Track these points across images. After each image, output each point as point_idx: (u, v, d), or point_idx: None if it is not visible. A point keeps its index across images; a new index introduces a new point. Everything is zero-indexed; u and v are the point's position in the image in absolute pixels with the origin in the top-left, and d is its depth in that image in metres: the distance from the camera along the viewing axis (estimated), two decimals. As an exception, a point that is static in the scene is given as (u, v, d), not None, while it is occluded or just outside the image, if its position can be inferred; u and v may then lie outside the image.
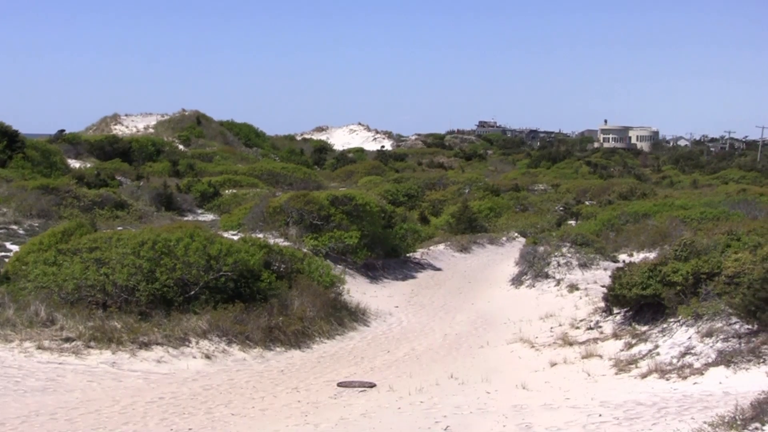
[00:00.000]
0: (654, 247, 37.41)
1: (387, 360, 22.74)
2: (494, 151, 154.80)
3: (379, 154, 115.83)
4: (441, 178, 79.18)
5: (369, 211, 37.14)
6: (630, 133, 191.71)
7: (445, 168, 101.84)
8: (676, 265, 24.39)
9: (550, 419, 15.73)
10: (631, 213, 48.81)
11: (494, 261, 42.77)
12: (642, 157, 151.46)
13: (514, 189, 73.26)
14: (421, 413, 16.82)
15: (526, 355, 23.21)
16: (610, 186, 73.64)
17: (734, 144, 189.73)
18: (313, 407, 17.59)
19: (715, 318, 21.04)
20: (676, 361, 19.94)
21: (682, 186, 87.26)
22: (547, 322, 27.36)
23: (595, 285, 30.95)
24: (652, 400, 16.85)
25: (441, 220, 54.43)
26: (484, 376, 20.26)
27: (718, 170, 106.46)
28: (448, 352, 23.86)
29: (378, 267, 36.22)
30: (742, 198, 52.81)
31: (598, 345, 23.18)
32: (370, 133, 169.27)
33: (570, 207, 62.27)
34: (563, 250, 36.46)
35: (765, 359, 18.35)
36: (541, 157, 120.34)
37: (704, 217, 42.44)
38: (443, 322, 28.20)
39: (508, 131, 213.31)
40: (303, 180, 68.54)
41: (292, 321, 23.65)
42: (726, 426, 13.08)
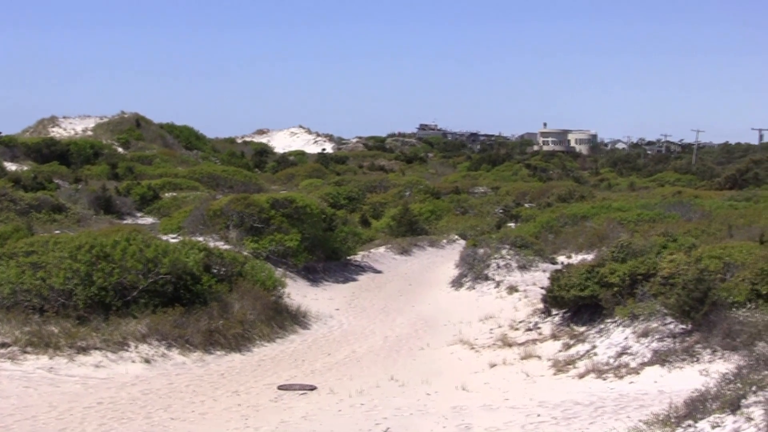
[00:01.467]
0: (592, 249, 37.76)
1: (328, 363, 22.75)
2: (435, 154, 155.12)
3: (320, 156, 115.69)
4: (382, 181, 79.29)
5: (310, 213, 37.12)
6: (569, 136, 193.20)
7: (386, 171, 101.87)
8: (613, 266, 24.67)
9: (490, 420, 15.87)
10: (570, 215, 49.25)
11: (435, 263, 42.92)
12: (581, 160, 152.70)
13: (454, 192, 73.52)
14: (361, 415, 16.90)
15: (466, 356, 23.34)
16: (549, 189, 74.17)
17: (670, 147, 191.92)
18: (254, 411, 17.58)
19: (650, 318, 21.32)
20: (612, 361, 20.19)
21: (619, 188, 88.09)
22: (486, 323, 27.51)
23: (534, 287, 31.16)
24: (589, 399, 17.05)
25: (382, 223, 54.47)
26: (425, 378, 20.36)
27: (655, 173, 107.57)
28: (389, 355, 23.93)
29: (319, 270, 36.22)
30: (677, 200, 53.53)
31: (537, 346, 23.38)
32: (311, 136, 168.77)
33: (509, 209, 62.64)
34: (503, 253, 36.66)
35: (698, 358, 18.65)
36: (482, 160, 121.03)
37: (641, 219, 42.93)
38: (384, 325, 28.25)
39: (449, 134, 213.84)
40: (243, 183, 68.24)
41: (233, 324, 23.57)
42: (660, 424, 13.27)
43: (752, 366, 14.67)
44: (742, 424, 11.94)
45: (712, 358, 18.50)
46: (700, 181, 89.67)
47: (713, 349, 18.76)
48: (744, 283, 21.09)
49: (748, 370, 14.40)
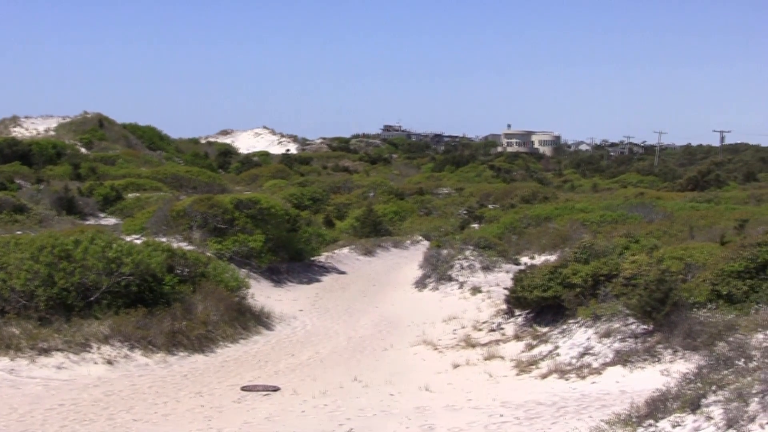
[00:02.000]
0: (555, 250, 37.97)
1: (291, 363, 22.73)
2: (399, 155, 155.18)
3: (284, 157, 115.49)
4: (346, 182, 79.36)
5: (273, 214, 37.06)
6: (533, 137, 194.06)
7: (350, 172, 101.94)
8: (576, 267, 24.82)
9: (453, 420, 15.92)
10: (533, 216, 49.51)
11: (398, 264, 42.97)
12: (544, 161, 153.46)
13: (418, 193, 73.72)
14: (325, 416, 16.91)
15: (430, 357, 23.38)
16: (512, 190, 74.51)
17: (633, 149, 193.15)
18: (217, 412, 17.54)
19: (612, 319, 21.46)
20: (575, 362, 20.30)
21: (582, 190, 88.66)
22: (450, 324, 27.58)
23: (497, 287, 31.27)
24: (552, 399, 17.14)
25: (346, 224, 54.51)
26: (388, 379, 20.40)
27: (618, 174, 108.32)
28: (352, 355, 23.94)
29: (282, 271, 36.18)
30: (639, 201, 53.95)
31: (500, 346, 23.46)
32: (275, 136, 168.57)
33: (473, 210, 62.85)
34: (466, 253, 36.77)
35: (660, 358, 18.80)
36: (446, 161, 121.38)
37: (603, 220, 43.23)
38: (347, 326, 28.26)
39: (413, 135, 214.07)
40: (207, 184, 67.98)
41: (196, 325, 23.50)
42: (622, 423, 13.36)
43: (712, 366, 14.80)
44: (702, 423, 12.05)
45: (673, 358, 18.65)
46: (663, 182, 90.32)
47: (674, 350, 18.92)
48: (705, 284, 21.29)
49: (708, 370, 14.52)
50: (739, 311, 19.82)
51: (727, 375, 13.72)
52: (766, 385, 11.85)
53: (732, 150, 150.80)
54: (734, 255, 21.57)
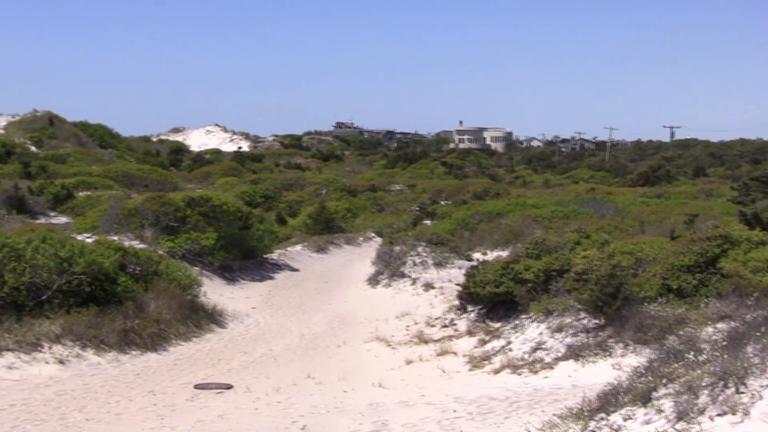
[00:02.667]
0: (507, 246, 38.13)
1: (244, 361, 22.70)
2: (351, 151, 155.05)
3: (236, 155, 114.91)
4: (298, 179, 79.19)
5: (226, 212, 36.94)
6: (485, 134, 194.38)
7: (303, 169, 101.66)
8: (528, 262, 24.98)
9: (406, 416, 15.97)
10: (485, 212, 49.65)
11: (351, 261, 42.97)
12: (496, 157, 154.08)
13: (370, 189, 73.70)
14: (278, 413, 16.90)
15: (383, 353, 23.44)
16: (465, 186, 74.67)
17: (584, 144, 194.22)
18: (170, 410, 17.47)
19: (564, 314, 21.64)
20: (527, 357, 20.45)
21: (534, 186, 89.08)
22: (403, 320, 27.65)
23: (450, 283, 31.40)
24: (504, 394, 17.24)
25: (298, 221, 54.38)
26: (341, 375, 20.43)
27: (569, 170, 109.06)
28: (306, 352, 23.94)
29: (235, 268, 36.08)
30: (591, 197, 54.34)
31: (452, 342, 23.56)
32: (227, 134, 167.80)
33: (426, 207, 62.96)
34: (419, 250, 36.88)
35: (611, 352, 18.98)
36: (398, 158, 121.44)
37: (555, 215, 43.45)
38: (300, 323, 28.25)
39: (365, 132, 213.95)
40: (159, 181, 67.51)
41: (148, 324, 23.40)
42: (574, 417, 13.46)
43: (663, 359, 14.95)
44: (653, 416, 12.16)
45: (624, 352, 18.82)
46: (614, 178, 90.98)
47: (625, 344, 19.09)
48: (655, 278, 21.47)
49: (659, 363, 14.67)
50: (689, 305, 20.03)
51: (678, 368, 13.86)
52: (716, 378, 11.98)
53: (682, 145, 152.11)
54: (684, 249, 21.77)
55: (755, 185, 46.44)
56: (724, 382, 11.77)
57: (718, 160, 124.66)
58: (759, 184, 46.46)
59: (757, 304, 17.76)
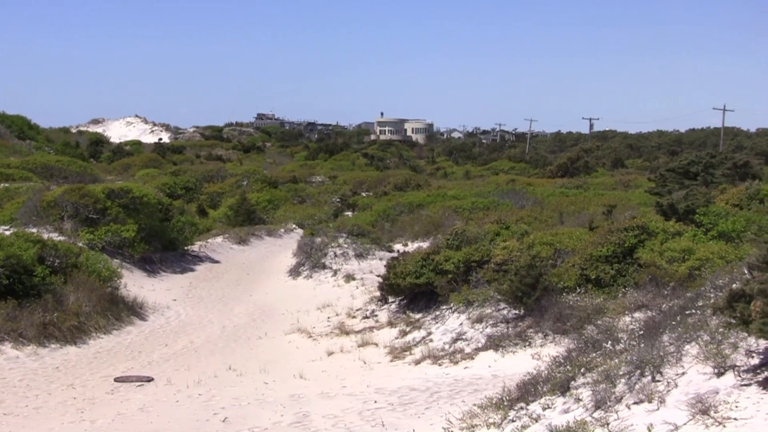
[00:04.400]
0: (427, 237, 38.35)
1: (165, 353, 22.58)
2: (272, 143, 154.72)
3: (157, 146, 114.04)
4: (219, 171, 78.72)
5: (146, 204, 36.64)
6: (406, 125, 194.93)
7: (224, 160, 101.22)
8: (448, 253, 25.14)
9: (327, 407, 16.02)
10: (406, 204, 49.84)
11: (272, 253, 42.90)
12: (417, 149, 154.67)
13: (292, 181, 73.62)
14: (199, 405, 16.86)
15: (304, 345, 23.47)
16: (386, 177, 74.89)
17: (505, 136, 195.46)
18: (89, 404, 17.34)
19: (484, 304, 21.83)
20: (448, 347, 20.59)
21: (455, 177, 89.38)
22: (324, 312, 27.70)
23: (371, 275, 31.53)
24: (425, 385, 17.36)
25: (219, 213, 54.17)
26: (263, 367, 20.42)
27: (490, 161, 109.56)
28: (227, 344, 23.88)
29: (156, 260, 35.82)
30: (510, 188, 54.77)
31: (373, 333, 23.66)
32: (147, 125, 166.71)
33: (347, 198, 63.01)
34: (340, 241, 36.94)
35: (531, 342, 19.19)
36: (319, 150, 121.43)
37: (475, 206, 43.73)
38: (222, 314, 28.16)
39: (287, 124, 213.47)
40: (78, 173, 66.59)
41: (68, 317, 23.15)
42: (494, 407, 13.61)
43: (581, 349, 15.16)
44: (571, 405, 12.33)
45: (543, 342, 19.05)
46: (533, 169, 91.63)
47: (545, 333, 19.31)
48: (574, 269, 21.75)
49: (577, 353, 14.88)
50: (607, 295, 20.33)
51: (596, 357, 14.07)
52: (633, 367, 12.18)
53: (601, 137, 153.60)
54: (602, 240, 22.07)
55: (671, 176, 47.17)
56: (640, 370, 11.98)
57: (636, 152, 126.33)
58: (675, 175, 47.20)
59: (673, 293, 18.05)
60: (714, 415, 9.74)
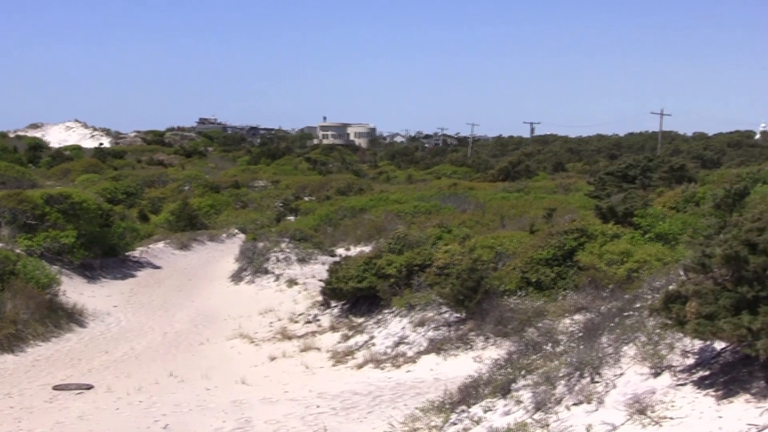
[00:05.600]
0: (370, 241, 38.40)
1: (105, 361, 22.37)
2: (215, 148, 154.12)
3: (97, 151, 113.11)
4: (161, 176, 78.42)
5: (86, 209, 36.30)
6: (348, 129, 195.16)
7: (165, 165, 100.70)
8: (390, 257, 25.19)
9: (270, 413, 15.99)
10: (349, 208, 49.93)
11: (214, 258, 42.74)
12: (360, 153, 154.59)
13: (234, 186, 73.44)
14: (140, 413, 16.73)
15: (246, 350, 23.39)
16: (328, 182, 74.95)
17: (447, 140, 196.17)
18: (27, 413, 17.12)
19: (426, 308, 21.89)
20: (390, 351, 20.63)
21: (397, 181, 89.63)
22: (266, 317, 27.62)
23: (313, 279, 31.51)
24: (367, 389, 17.38)
25: (161, 218, 53.91)
26: (204, 373, 20.31)
27: (432, 165, 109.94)
28: (168, 351, 23.72)
29: (96, 266, 35.50)
30: (452, 192, 55.00)
31: (316, 338, 23.65)
32: (87, 130, 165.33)
33: (289, 203, 63.05)
34: (282, 246, 36.90)
35: (472, 345, 19.29)
36: (262, 154, 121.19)
37: (417, 210, 43.90)
38: (163, 321, 27.98)
39: (229, 128, 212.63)
40: (16, 179, 65.84)
41: (5, 324, 22.86)
42: (436, 410, 13.66)
43: (522, 351, 15.25)
44: (512, 407, 12.39)
45: (485, 345, 19.15)
46: (475, 173, 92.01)
47: (486, 336, 19.42)
48: (515, 272, 21.89)
49: (518, 355, 14.96)
50: (548, 298, 20.48)
51: (536, 360, 14.16)
52: (572, 368, 12.27)
53: (542, 141, 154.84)
54: (542, 243, 22.23)
55: (611, 180, 47.60)
56: (580, 372, 12.07)
57: (577, 156, 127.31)
58: (614, 178, 47.66)
59: (612, 295, 18.22)
60: (651, 415, 9.84)
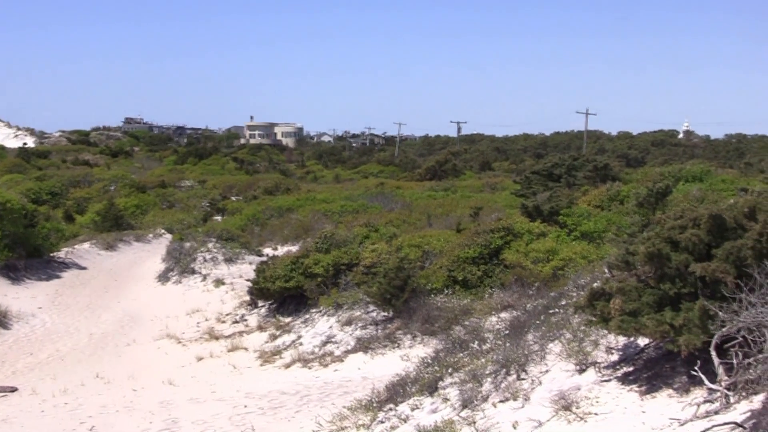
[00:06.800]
0: (297, 241, 38.41)
1: (30, 363, 22.17)
2: (141, 147, 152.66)
3: (21, 151, 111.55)
4: (86, 176, 77.52)
5: (9, 210, 35.85)
6: (276, 129, 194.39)
7: (91, 165, 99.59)
8: (318, 257, 25.23)
9: (197, 413, 15.97)
10: (276, 208, 49.84)
11: (141, 258, 42.40)
12: (287, 153, 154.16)
13: (160, 185, 72.85)
14: (65, 415, 16.62)
15: (173, 350, 23.30)
16: (255, 182, 74.63)
17: (374, 140, 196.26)
18: (-49, 415, 16.94)
19: (354, 307, 21.99)
20: (318, 350, 20.68)
21: (325, 180, 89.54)
22: (193, 317, 27.53)
23: (240, 279, 31.44)
24: (295, 389, 17.42)
25: (86, 218, 53.31)
26: (131, 374, 20.22)
27: (359, 165, 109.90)
28: (94, 352, 23.56)
29: (20, 267, 35.06)
30: (380, 191, 55.06)
31: (243, 338, 23.63)
32: (11, 129, 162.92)
33: (216, 203, 62.71)
34: (209, 246, 36.75)
35: (400, 344, 19.40)
36: (188, 154, 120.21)
37: (345, 210, 43.94)
38: (89, 322, 27.75)
39: (155, 128, 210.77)
40: (-63, 180, 65.20)
41: (-75, 327, 22.60)
42: (363, 409, 13.72)
43: (449, 349, 15.38)
44: (439, 404, 12.50)
45: (412, 344, 19.26)
46: (402, 172, 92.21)
47: (413, 335, 19.54)
48: (441, 271, 22.02)
49: (445, 354, 15.09)
50: (474, 296, 20.65)
51: (463, 357, 14.29)
52: (499, 366, 12.40)
53: (468, 140, 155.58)
54: (469, 242, 22.40)
55: (536, 179, 48.01)
56: (506, 369, 12.21)
57: (503, 155, 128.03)
58: (540, 177, 48.07)
59: (538, 293, 18.43)
60: (576, 411, 9.99)
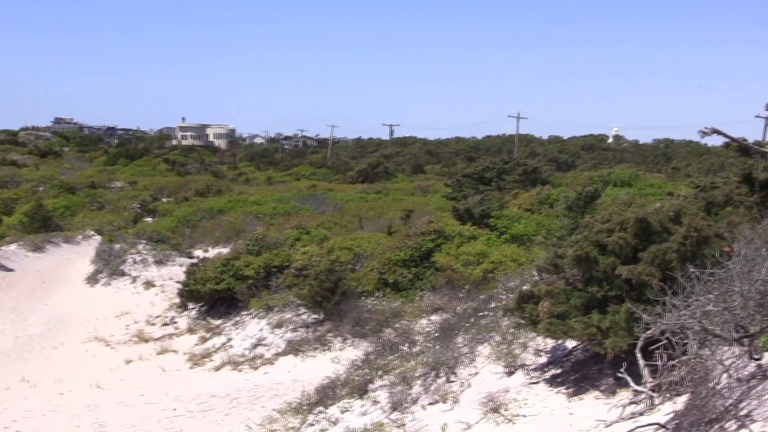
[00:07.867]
0: (228, 243, 38.21)
1: (-47, 367, 21.85)
2: (71, 148, 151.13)
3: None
4: (14, 176, 76.62)
5: (-66, 210, 35.40)
6: (208, 130, 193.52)
7: (19, 165, 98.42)
8: (249, 259, 25.17)
9: (125, 416, 15.87)
10: (207, 209, 49.57)
11: (70, 260, 41.95)
12: (219, 154, 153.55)
13: (90, 186, 72.13)
14: (-11, 419, 16.39)
15: (102, 353, 23.10)
16: (187, 183, 74.20)
17: (307, 142, 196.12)
18: None
19: (285, 309, 21.97)
20: (248, 353, 20.63)
21: (257, 182, 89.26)
22: (122, 319, 27.29)
23: (171, 281, 31.24)
24: (225, 391, 17.36)
25: (13, 219, 52.64)
26: (58, 378, 20.02)
27: (292, 167, 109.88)
28: (20, 355, 23.26)
29: (-56, 270, 34.64)
30: (311, 193, 55.04)
31: (173, 340, 23.50)
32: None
33: (147, 204, 62.22)
34: (139, 248, 36.45)
35: (330, 346, 19.41)
36: (119, 155, 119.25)
37: (276, 212, 43.86)
38: (15, 324, 27.38)
39: (86, 128, 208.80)
40: None
41: None
42: (293, 411, 13.71)
43: (379, 352, 15.42)
44: (369, 407, 12.52)
45: (342, 346, 19.27)
46: (335, 174, 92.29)
47: (344, 337, 19.56)
48: (372, 273, 22.06)
49: (375, 356, 15.12)
50: (405, 298, 20.72)
51: (393, 360, 14.34)
52: (428, 368, 12.45)
53: (401, 143, 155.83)
54: (400, 244, 22.46)
55: (468, 182, 48.15)
56: (436, 372, 12.26)
57: (435, 158, 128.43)
58: (471, 180, 48.21)
59: (468, 296, 18.54)
60: (504, 413, 10.04)
